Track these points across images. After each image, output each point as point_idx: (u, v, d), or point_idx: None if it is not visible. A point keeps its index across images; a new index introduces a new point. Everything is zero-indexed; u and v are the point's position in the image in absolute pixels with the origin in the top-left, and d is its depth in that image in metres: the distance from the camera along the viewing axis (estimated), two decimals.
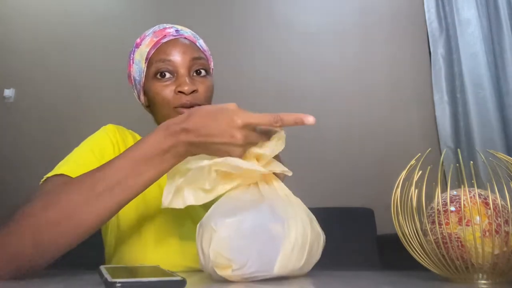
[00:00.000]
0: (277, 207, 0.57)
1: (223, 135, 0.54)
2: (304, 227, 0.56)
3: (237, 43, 2.29)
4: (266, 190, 0.60)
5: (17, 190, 1.98)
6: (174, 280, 0.44)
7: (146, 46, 0.85)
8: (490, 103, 1.94)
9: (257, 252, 0.52)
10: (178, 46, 0.83)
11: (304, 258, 0.55)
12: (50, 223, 0.55)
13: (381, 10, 2.26)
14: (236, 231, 0.53)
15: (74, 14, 2.49)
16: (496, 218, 0.50)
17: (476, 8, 2.06)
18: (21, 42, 2.47)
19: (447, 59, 2.09)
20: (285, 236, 0.54)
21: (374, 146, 2.10)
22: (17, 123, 2.35)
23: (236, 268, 0.51)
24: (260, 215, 0.55)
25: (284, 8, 2.36)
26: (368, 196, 1.88)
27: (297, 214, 0.57)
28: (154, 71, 0.82)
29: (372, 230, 1.73)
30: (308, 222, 0.58)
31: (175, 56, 0.82)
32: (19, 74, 2.42)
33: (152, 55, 0.83)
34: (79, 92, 2.35)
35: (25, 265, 0.55)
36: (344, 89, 2.21)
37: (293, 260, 0.54)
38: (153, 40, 0.84)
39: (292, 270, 0.55)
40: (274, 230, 0.54)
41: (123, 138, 0.86)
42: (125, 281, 0.42)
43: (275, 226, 0.54)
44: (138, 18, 2.42)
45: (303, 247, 0.55)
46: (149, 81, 0.84)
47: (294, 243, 0.54)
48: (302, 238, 0.55)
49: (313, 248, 0.58)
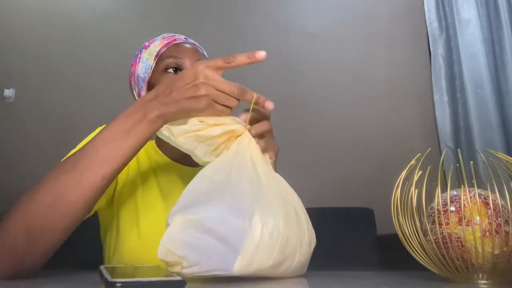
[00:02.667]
0: (244, 199, 0.53)
1: (185, 79, 0.58)
2: (276, 223, 0.52)
3: (237, 43, 2.29)
4: (243, 171, 0.57)
5: (17, 190, 1.97)
6: (174, 280, 0.44)
7: (156, 46, 0.89)
8: (490, 103, 1.94)
9: (213, 250, 0.49)
10: (189, 48, 0.89)
11: (273, 257, 0.51)
12: (41, 206, 0.55)
13: (381, 10, 2.26)
14: (190, 227, 0.50)
15: (74, 14, 2.49)
16: (496, 218, 0.50)
17: (476, 8, 2.06)
18: (21, 42, 2.47)
19: (447, 59, 2.09)
20: (248, 233, 0.50)
21: (374, 146, 2.10)
22: (17, 123, 2.35)
23: (188, 266, 0.48)
24: (221, 211, 0.51)
25: (284, 8, 2.36)
26: (368, 196, 1.88)
27: (268, 208, 0.53)
28: (165, 65, 0.86)
29: (372, 230, 1.73)
30: (283, 218, 0.53)
31: (186, 55, 0.87)
32: (19, 74, 2.42)
33: (163, 52, 0.88)
34: (79, 92, 2.35)
35: (20, 261, 0.55)
36: (344, 89, 2.21)
37: (258, 259, 0.49)
38: (164, 41, 0.90)
39: (259, 270, 0.50)
40: (236, 227, 0.50)
41: None
42: (125, 281, 0.41)
43: (237, 222, 0.50)
44: (138, 18, 2.42)
45: (272, 246, 0.51)
46: (158, 75, 0.87)
47: (258, 241, 0.49)
48: (270, 235, 0.51)
49: (290, 247, 0.53)
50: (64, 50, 2.42)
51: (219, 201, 0.53)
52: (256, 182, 0.56)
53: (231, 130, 0.61)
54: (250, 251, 0.49)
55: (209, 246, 0.49)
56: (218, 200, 0.53)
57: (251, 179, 0.57)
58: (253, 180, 0.57)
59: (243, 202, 0.53)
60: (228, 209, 0.52)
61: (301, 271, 0.60)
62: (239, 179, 0.56)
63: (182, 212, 0.52)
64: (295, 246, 0.55)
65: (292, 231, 0.54)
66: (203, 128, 0.60)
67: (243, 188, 0.55)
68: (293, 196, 0.62)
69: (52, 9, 2.52)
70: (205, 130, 0.60)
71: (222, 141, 0.61)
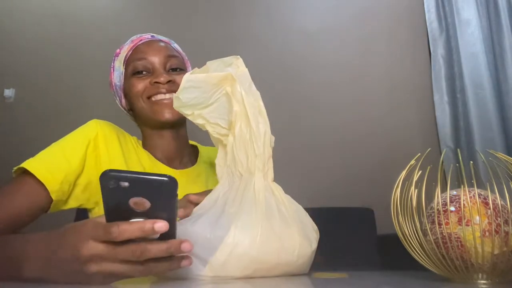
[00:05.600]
0: (225, 216, 0.56)
1: (66, 251, 0.46)
2: (255, 233, 0.54)
3: (237, 43, 2.29)
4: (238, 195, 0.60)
5: None
6: (166, 179, 0.43)
7: (124, 52, 0.91)
8: (490, 103, 1.95)
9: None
10: (153, 46, 0.89)
11: (242, 270, 0.54)
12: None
13: (381, 10, 2.26)
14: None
15: (74, 14, 2.49)
16: (496, 218, 0.50)
17: (476, 8, 2.06)
18: (21, 42, 2.47)
19: (447, 60, 2.09)
20: (223, 241, 0.53)
21: (374, 146, 2.10)
22: (17, 123, 2.35)
23: None
24: (199, 225, 0.55)
25: (284, 8, 2.36)
26: (368, 196, 1.88)
27: (249, 221, 0.55)
28: (132, 70, 0.87)
29: (372, 230, 1.73)
30: (268, 229, 0.55)
31: (150, 54, 0.87)
32: (19, 74, 2.42)
33: (129, 56, 0.89)
34: (79, 92, 2.35)
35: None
36: (344, 89, 2.21)
37: (226, 271, 0.53)
38: (130, 45, 0.91)
39: (229, 275, 0.53)
40: (213, 237, 0.53)
41: (105, 132, 0.85)
42: (117, 172, 0.42)
43: (215, 232, 0.54)
44: (138, 18, 2.42)
45: (245, 254, 0.53)
46: (127, 80, 0.88)
47: (231, 249, 0.53)
48: (243, 245, 0.53)
49: (273, 255, 0.55)
50: (64, 50, 2.42)
51: (199, 219, 0.57)
52: (245, 203, 0.58)
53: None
54: (218, 263, 0.53)
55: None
56: (199, 217, 0.57)
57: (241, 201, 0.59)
58: (241, 201, 0.59)
59: (221, 219, 0.56)
60: (205, 225, 0.55)
61: (304, 270, 0.61)
62: (228, 201, 0.59)
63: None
64: (278, 254, 0.56)
65: (273, 243, 0.55)
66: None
67: (228, 208, 0.58)
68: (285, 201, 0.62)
69: (52, 10, 2.52)
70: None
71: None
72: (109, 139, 0.84)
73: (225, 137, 0.64)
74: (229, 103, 0.62)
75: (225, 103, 0.63)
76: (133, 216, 0.44)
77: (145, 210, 0.44)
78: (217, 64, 0.64)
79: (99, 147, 0.82)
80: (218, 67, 0.64)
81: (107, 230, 0.43)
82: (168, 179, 0.43)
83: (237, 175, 0.62)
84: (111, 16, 2.47)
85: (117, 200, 0.43)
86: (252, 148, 0.61)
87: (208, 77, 0.61)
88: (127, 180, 0.42)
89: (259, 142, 0.61)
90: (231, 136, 0.63)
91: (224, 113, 0.63)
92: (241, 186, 0.60)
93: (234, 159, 0.62)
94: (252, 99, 0.62)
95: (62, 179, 0.75)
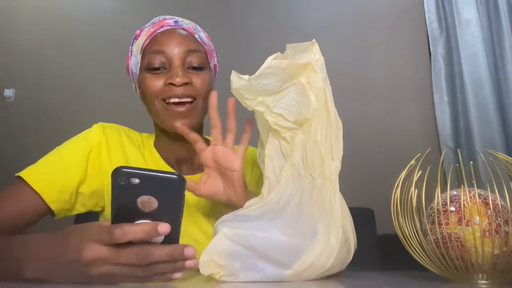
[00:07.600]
0: (305, 223, 0.53)
1: (68, 253, 0.46)
2: (334, 245, 0.52)
3: (237, 43, 2.29)
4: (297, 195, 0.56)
5: None
6: (175, 177, 0.44)
7: (142, 37, 0.81)
8: (490, 103, 1.94)
9: (255, 266, 0.50)
10: (174, 37, 0.79)
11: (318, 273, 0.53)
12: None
13: (381, 10, 2.26)
14: (236, 241, 0.51)
15: (73, 14, 2.49)
16: (496, 218, 0.50)
17: (476, 8, 2.06)
18: (21, 42, 2.47)
19: (447, 59, 2.09)
20: (307, 250, 0.51)
21: (374, 146, 2.10)
22: (17, 123, 2.34)
23: (226, 274, 0.50)
24: (273, 231, 0.52)
25: (283, 8, 2.36)
26: (368, 196, 1.87)
27: (328, 232, 0.53)
28: (147, 63, 0.78)
29: (372, 230, 1.73)
30: (342, 240, 0.54)
31: (169, 47, 0.78)
32: (19, 74, 2.42)
33: (146, 46, 0.80)
34: (79, 92, 2.34)
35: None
36: (344, 89, 2.20)
37: (307, 274, 0.52)
38: (150, 30, 0.81)
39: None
40: (296, 245, 0.52)
41: (108, 137, 0.82)
42: (129, 168, 0.43)
43: (298, 239, 0.52)
44: (138, 18, 2.41)
45: (324, 264, 0.52)
46: (142, 73, 0.80)
47: (313, 261, 0.51)
48: (325, 255, 0.52)
49: (341, 264, 0.56)
50: (64, 50, 2.42)
51: (271, 220, 0.53)
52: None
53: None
54: (299, 270, 0.51)
55: (252, 262, 0.50)
56: (269, 219, 0.53)
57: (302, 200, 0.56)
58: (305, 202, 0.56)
59: (302, 224, 0.53)
60: (280, 229, 0.52)
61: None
62: (291, 201, 0.56)
63: (230, 224, 0.52)
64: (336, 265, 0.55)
65: (339, 257, 0.54)
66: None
67: (305, 213, 0.55)
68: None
69: (52, 10, 2.51)
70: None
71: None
72: (111, 145, 0.81)
73: (285, 130, 0.59)
74: (299, 94, 0.57)
75: (293, 94, 0.58)
76: (138, 217, 0.45)
77: (152, 210, 0.45)
78: (291, 49, 0.58)
79: (102, 153, 0.80)
80: (292, 52, 0.58)
81: (110, 232, 0.44)
82: (177, 177, 0.44)
83: (307, 177, 0.58)
84: (111, 16, 2.47)
85: (126, 198, 0.44)
86: (329, 152, 0.57)
87: (289, 65, 0.56)
88: (138, 176, 0.43)
89: (339, 145, 0.56)
90: (301, 134, 0.58)
91: (291, 105, 0.58)
92: (315, 192, 0.57)
93: (305, 159, 0.57)
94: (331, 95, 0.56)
95: (59, 189, 0.74)
